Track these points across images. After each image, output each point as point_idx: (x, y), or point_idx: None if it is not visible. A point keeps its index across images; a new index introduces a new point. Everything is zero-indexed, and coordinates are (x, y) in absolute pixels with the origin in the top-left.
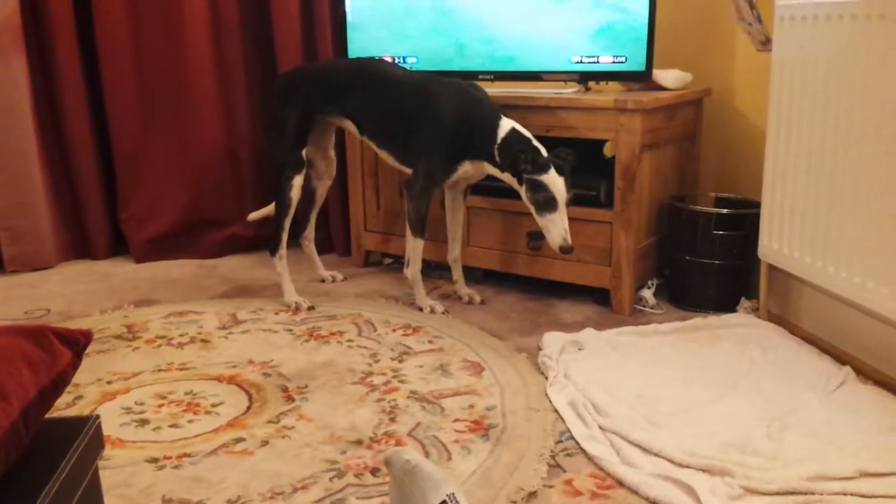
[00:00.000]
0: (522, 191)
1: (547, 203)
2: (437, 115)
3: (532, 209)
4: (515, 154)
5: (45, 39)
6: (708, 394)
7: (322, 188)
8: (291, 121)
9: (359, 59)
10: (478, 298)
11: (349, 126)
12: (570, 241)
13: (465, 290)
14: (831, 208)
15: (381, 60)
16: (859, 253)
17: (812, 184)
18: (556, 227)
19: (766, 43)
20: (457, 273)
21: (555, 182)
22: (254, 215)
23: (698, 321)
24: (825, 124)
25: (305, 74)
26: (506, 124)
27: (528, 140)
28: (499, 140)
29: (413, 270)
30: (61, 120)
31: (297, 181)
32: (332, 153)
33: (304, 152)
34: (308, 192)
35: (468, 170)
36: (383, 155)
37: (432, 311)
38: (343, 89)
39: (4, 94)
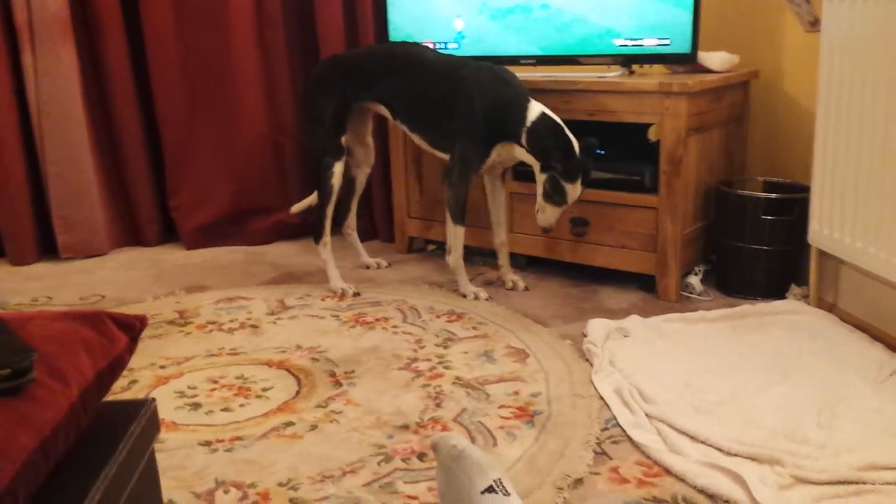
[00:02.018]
0: (541, 176)
1: (556, 200)
2: (469, 100)
3: (540, 191)
4: (549, 150)
5: (94, 32)
6: (756, 381)
7: (362, 176)
8: (329, 109)
9: (392, 43)
10: (522, 285)
11: (382, 110)
12: (553, 225)
13: (510, 275)
14: (883, 192)
15: (414, 44)
16: None
17: (863, 167)
18: (552, 215)
19: (814, 23)
20: (503, 258)
21: (573, 192)
22: (297, 207)
23: (746, 308)
24: (876, 106)
25: (340, 63)
26: (535, 108)
27: (560, 129)
28: (528, 123)
29: (455, 258)
30: (111, 111)
31: (338, 168)
32: (370, 140)
33: (343, 139)
34: (348, 180)
35: (501, 153)
36: (416, 138)
37: (476, 297)
38: (376, 75)
39: (55, 87)
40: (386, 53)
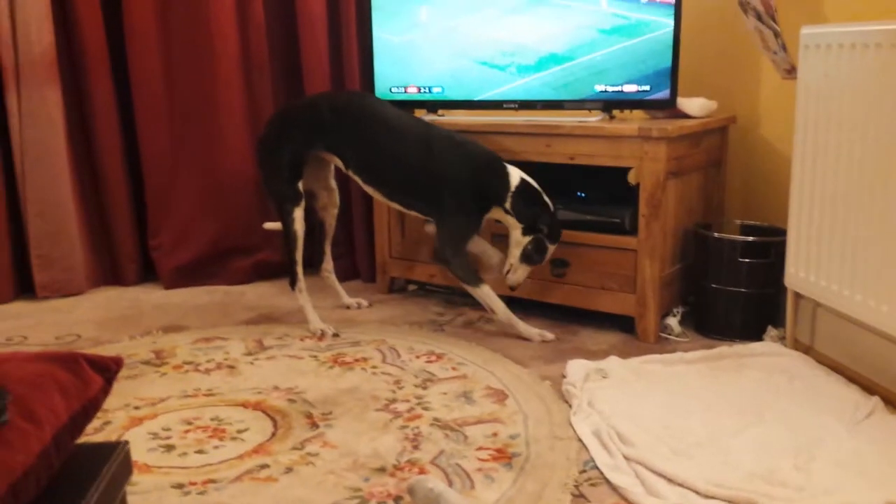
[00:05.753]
0: (522, 237)
1: (533, 260)
2: (450, 165)
3: (517, 251)
4: (536, 214)
5: (80, 73)
6: (734, 423)
7: (330, 218)
8: (284, 157)
9: (349, 93)
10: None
11: (335, 161)
12: (521, 284)
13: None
14: (858, 236)
15: (370, 97)
16: (887, 281)
17: (839, 211)
18: (523, 274)
19: (791, 71)
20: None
21: (551, 251)
22: (269, 225)
23: (724, 350)
24: (851, 152)
25: (294, 111)
26: (514, 173)
27: (540, 192)
28: (512, 188)
29: (499, 314)
30: (94, 150)
31: (298, 214)
32: (333, 183)
33: (300, 185)
34: (318, 224)
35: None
36: (369, 190)
37: (542, 338)
38: (330, 126)
39: (39, 127)
40: (341, 104)
